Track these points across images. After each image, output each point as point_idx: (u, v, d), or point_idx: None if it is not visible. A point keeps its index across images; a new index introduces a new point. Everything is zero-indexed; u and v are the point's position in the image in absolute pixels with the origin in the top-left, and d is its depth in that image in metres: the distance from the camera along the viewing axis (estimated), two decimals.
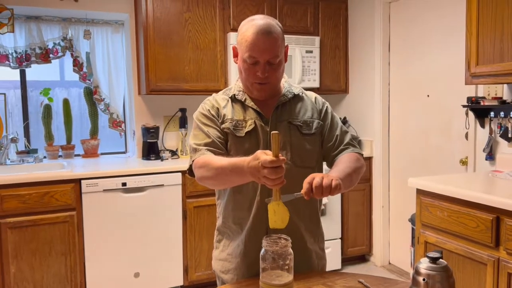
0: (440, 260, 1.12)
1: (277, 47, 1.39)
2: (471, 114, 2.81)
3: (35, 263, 2.78)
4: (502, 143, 2.68)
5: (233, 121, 1.47)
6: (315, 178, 1.20)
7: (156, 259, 3.07)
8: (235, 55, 1.48)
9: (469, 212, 2.09)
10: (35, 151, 3.46)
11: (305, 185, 1.20)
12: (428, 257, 1.11)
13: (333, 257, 3.58)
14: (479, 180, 2.48)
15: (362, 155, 1.54)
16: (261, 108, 1.48)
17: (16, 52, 3.38)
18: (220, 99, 1.53)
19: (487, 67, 2.32)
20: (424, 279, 1.09)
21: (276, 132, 1.16)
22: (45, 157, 3.49)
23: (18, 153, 3.39)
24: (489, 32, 2.31)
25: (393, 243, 3.75)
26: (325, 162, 1.58)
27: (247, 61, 1.40)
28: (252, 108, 1.48)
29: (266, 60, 1.38)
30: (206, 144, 1.44)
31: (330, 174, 1.30)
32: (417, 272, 1.12)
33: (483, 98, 2.71)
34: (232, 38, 3.39)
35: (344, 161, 1.44)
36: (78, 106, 3.74)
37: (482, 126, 2.78)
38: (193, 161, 1.44)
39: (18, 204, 2.70)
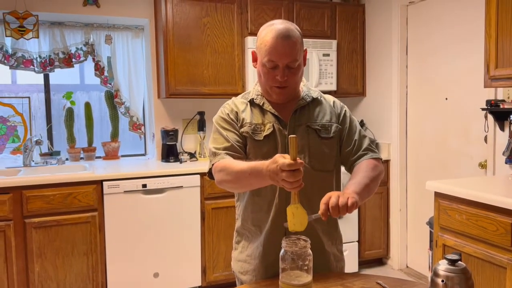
0: (459, 262, 1.12)
1: (296, 51, 1.41)
2: (490, 117, 2.78)
3: (58, 262, 2.86)
4: None
5: (251, 125, 1.49)
6: (331, 197, 1.23)
7: (175, 260, 3.12)
8: (254, 60, 1.51)
9: (488, 216, 2.08)
10: (58, 153, 3.55)
11: (322, 206, 1.23)
12: (446, 259, 1.12)
13: (350, 260, 3.58)
14: (499, 184, 2.46)
15: (381, 159, 1.55)
16: (280, 112, 1.51)
17: (40, 57, 3.48)
18: (239, 103, 1.56)
19: (507, 70, 2.31)
20: (442, 281, 1.10)
21: (294, 136, 1.19)
22: (67, 159, 3.58)
23: (42, 155, 3.49)
24: (509, 35, 2.29)
25: (410, 246, 3.73)
26: (343, 166, 1.60)
27: (266, 65, 1.42)
28: (270, 112, 1.51)
29: (285, 64, 1.41)
30: (225, 148, 1.47)
31: (347, 189, 1.32)
32: (435, 273, 1.13)
33: (503, 101, 2.69)
34: (250, 42, 3.43)
35: (362, 170, 1.45)
36: (99, 109, 3.82)
37: (502, 129, 2.76)
38: (212, 164, 1.47)
39: (43, 204, 2.79)
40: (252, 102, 1.54)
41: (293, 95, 1.52)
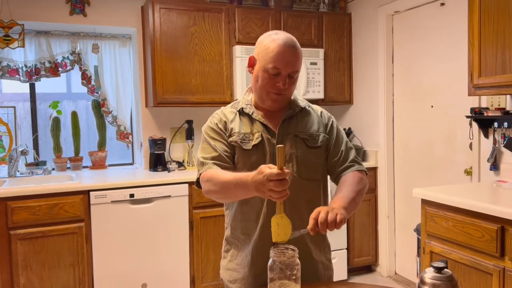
0: (445, 269, 1.14)
1: (299, 62, 1.47)
2: (475, 124, 2.83)
3: (44, 274, 2.81)
4: (506, 153, 2.70)
5: (240, 134, 1.50)
6: (321, 213, 1.24)
7: (163, 270, 3.09)
8: (251, 65, 1.52)
9: (474, 222, 2.11)
10: (44, 163, 3.50)
11: (311, 220, 1.25)
12: (433, 266, 1.13)
13: (339, 268, 3.59)
14: (484, 190, 2.50)
15: (366, 173, 1.57)
16: (268, 121, 1.52)
17: (26, 66, 3.45)
18: (228, 112, 1.57)
19: (490, 79, 2.35)
20: None
21: (282, 145, 1.20)
22: (53, 169, 3.54)
23: (27, 165, 3.44)
24: (491, 45, 2.34)
25: (398, 253, 3.75)
26: (329, 176, 1.61)
27: (269, 72, 1.44)
28: (259, 121, 1.52)
29: (288, 72, 1.44)
30: (213, 158, 1.47)
31: (335, 203, 1.34)
32: (422, 281, 1.14)
33: (487, 109, 2.74)
34: (238, 51, 3.44)
35: (348, 183, 1.47)
36: (86, 119, 3.79)
37: (486, 136, 2.81)
38: (200, 174, 1.47)
39: (28, 215, 2.74)
40: (241, 112, 1.55)
41: (285, 104, 1.54)
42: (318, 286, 1.45)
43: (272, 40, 1.44)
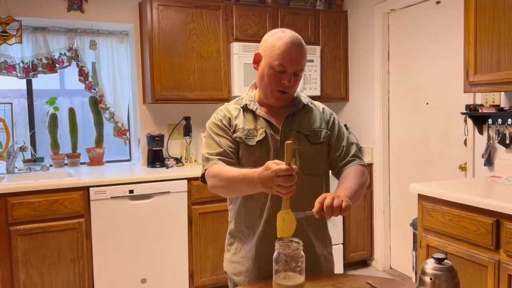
0: (445, 260, 1.18)
1: (305, 61, 1.50)
2: (469, 121, 2.88)
3: (44, 270, 2.82)
4: (500, 149, 2.76)
5: (244, 130, 1.53)
6: (327, 198, 1.27)
7: (163, 265, 3.12)
8: (256, 62, 1.54)
9: (470, 216, 2.16)
10: (41, 159, 3.51)
11: (317, 204, 1.27)
12: (433, 258, 1.18)
13: (335, 262, 3.61)
14: (479, 185, 2.55)
15: (367, 167, 1.61)
16: (272, 118, 1.55)
17: (23, 62, 3.44)
18: (232, 108, 1.59)
19: (485, 76, 2.40)
20: (431, 279, 1.15)
21: (290, 142, 1.23)
22: (51, 165, 3.54)
23: (25, 161, 3.44)
24: (487, 43, 2.39)
25: (394, 247, 3.81)
26: (331, 171, 1.64)
27: (275, 69, 1.46)
28: (263, 118, 1.55)
29: (294, 70, 1.47)
30: (218, 154, 1.50)
31: (340, 192, 1.37)
32: (423, 272, 1.18)
33: (481, 105, 2.79)
34: (235, 48, 3.46)
35: (351, 176, 1.50)
36: (81, 115, 3.79)
37: (481, 132, 2.86)
38: (205, 170, 1.50)
39: (28, 211, 2.75)
40: (245, 108, 1.57)
41: (288, 102, 1.57)
42: (321, 278, 1.48)
43: (279, 38, 1.47)
